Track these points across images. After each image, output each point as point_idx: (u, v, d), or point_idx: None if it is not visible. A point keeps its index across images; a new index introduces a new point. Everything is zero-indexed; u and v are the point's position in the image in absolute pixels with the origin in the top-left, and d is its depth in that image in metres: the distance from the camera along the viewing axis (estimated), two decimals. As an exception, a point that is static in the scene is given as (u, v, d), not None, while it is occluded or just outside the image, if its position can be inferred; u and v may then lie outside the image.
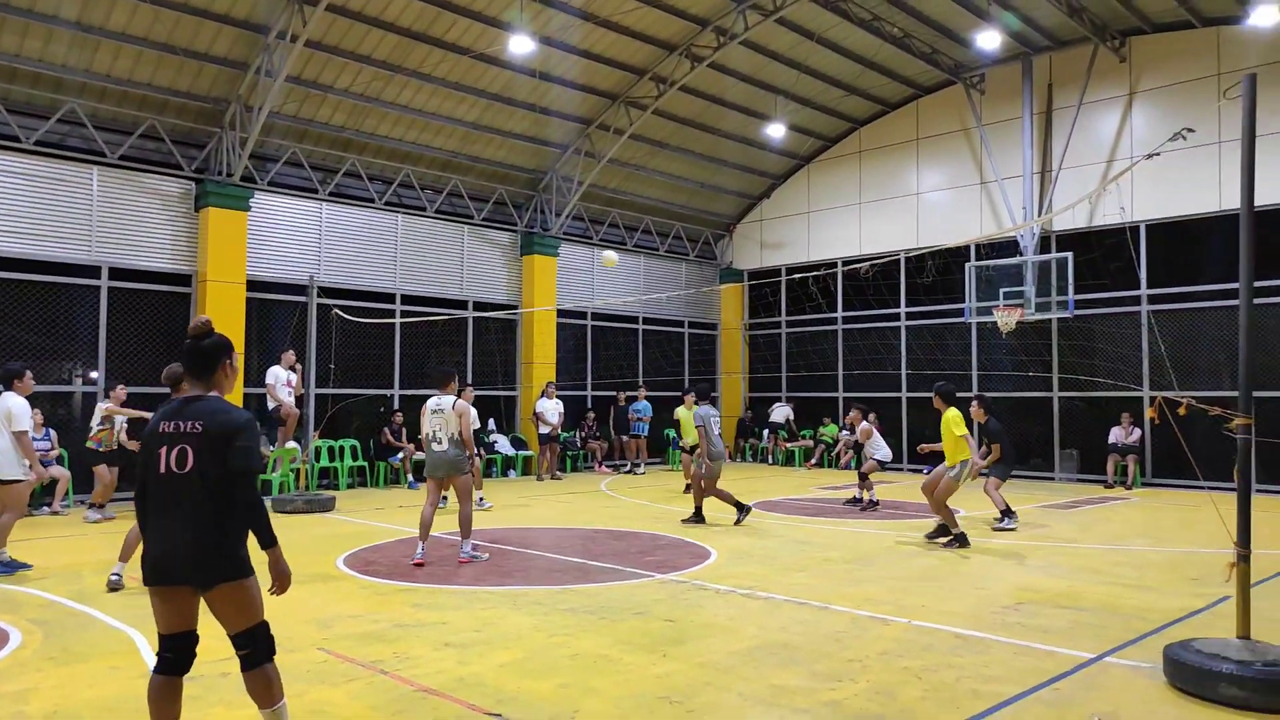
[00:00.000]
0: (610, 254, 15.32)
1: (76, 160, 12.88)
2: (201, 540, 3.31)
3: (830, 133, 20.17)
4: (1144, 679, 4.79)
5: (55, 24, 11.80)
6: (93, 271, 12.98)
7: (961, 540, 9.03)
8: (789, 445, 19.76)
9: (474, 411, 10.87)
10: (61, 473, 11.73)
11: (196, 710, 4.22)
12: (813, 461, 19.11)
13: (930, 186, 18.96)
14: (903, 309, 19.05)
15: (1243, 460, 5.06)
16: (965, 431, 9.20)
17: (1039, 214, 16.75)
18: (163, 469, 3.35)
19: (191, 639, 3.48)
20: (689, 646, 5.38)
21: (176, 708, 3.46)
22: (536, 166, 18.02)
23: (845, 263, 19.33)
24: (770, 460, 20.15)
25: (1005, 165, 17.45)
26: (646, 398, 18.42)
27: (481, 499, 11.99)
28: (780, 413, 20.30)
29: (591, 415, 18.67)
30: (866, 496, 12.44)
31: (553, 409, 16.27)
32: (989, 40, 15.31)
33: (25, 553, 8.14)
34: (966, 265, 16.85)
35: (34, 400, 11.76)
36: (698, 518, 10.91)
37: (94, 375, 12.96)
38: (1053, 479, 16.58)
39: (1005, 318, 15.77)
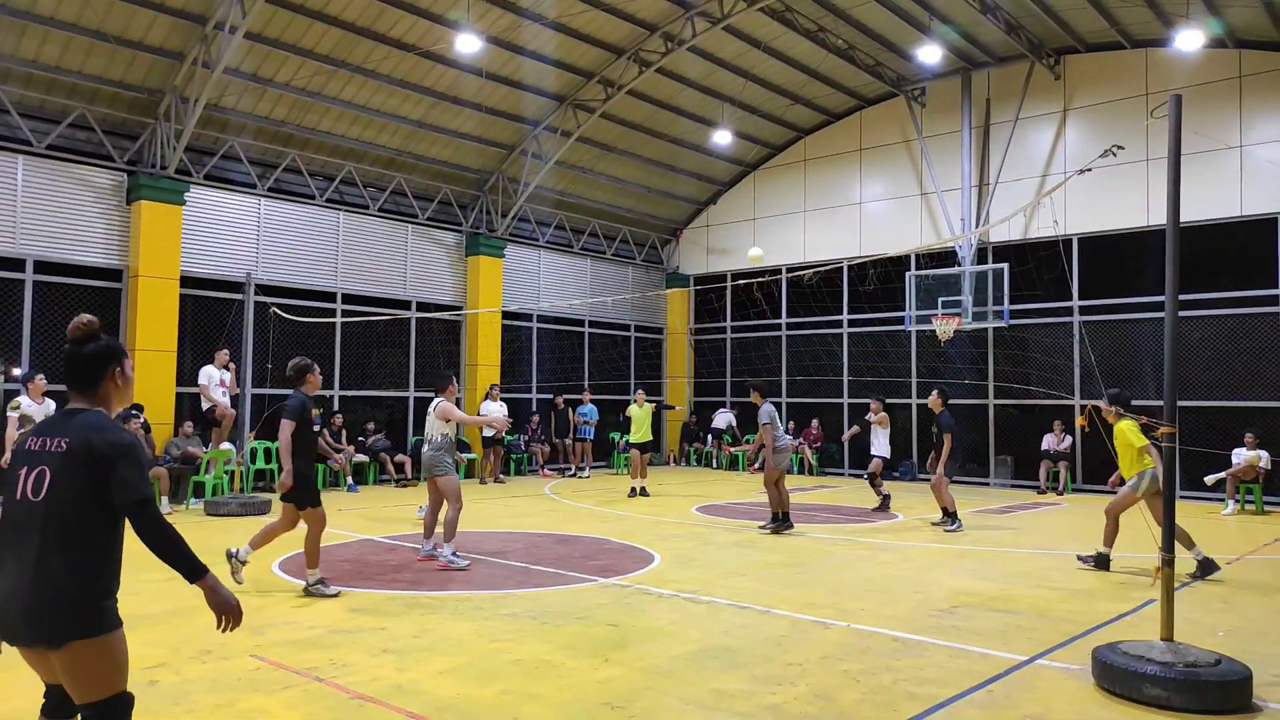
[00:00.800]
0: (756, 250, 15.76)
1: None
2: (44, 587, 2.65)
3: (776, 141, 20.39)
4: (1074, 680, 4.92)
5: (-21, 6, 11.34)
6: (17, 265, 12.49)
7: (1208, 569, 7.87)
8: (732, 449, 19.90)
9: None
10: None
11: (121, 721, 4.06)
12: (755, 466, 19.25)
13: (873, 196, 19.29)
14: (845, 316, 19.33)
15: (1167, 467, 5.24)
16: (1145, 441, 8.02)
17: (976, 225, 17.17)
18: (18, 494, 2.76)
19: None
20: (631, 651, 5.37)
21: None
22: (483, 167, 17.87)
23: (789, 269, 19.56)
24: (714, 464, 20.26)
25: (945, 177, 17.84)
26: (592, 401, 18.40)
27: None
28: (723, 419, 20.46)
29: (535, 418, 18.57)
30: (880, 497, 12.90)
31: (496, 411, 16.13)
32: (930, 54, 15.65)
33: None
34: (907, 274, 17.19)
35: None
36: (784, 522, 10.55)
37: (16, 372, 12.46)
38: (988, 484, 16.99)
39: (943, 326, 16.13)
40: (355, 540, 9.53)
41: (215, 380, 12.52)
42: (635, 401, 15.08)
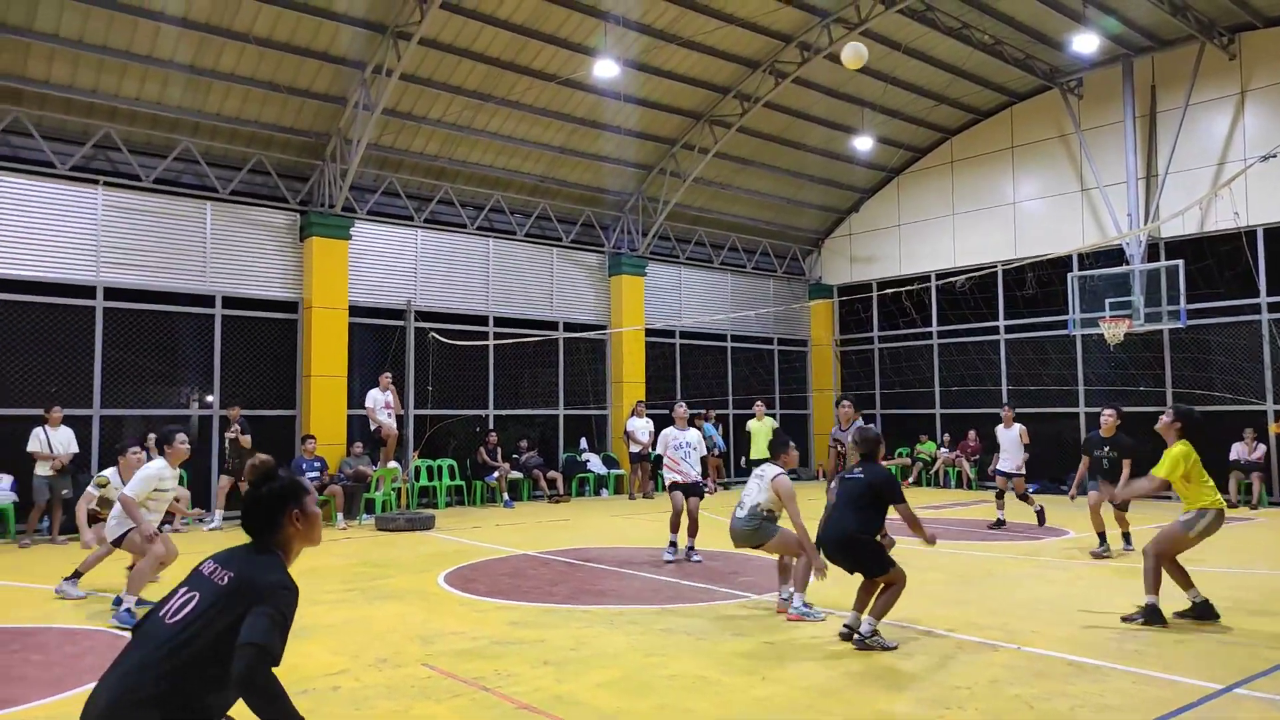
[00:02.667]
0: (853, 50, 10.89)
1: (191, 196, 13.63)
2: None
3: (920, 143, 19.80)
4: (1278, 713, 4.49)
5: (171, 68, 12.55)
6: (208, 301, 13.68)
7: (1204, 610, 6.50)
8: (886, 463, 19.33)
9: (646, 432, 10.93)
10: (181, 492, 12.33)
11: (310, 723, 4.36)
12: (910, 480, 18.67)
13: (1027, 195, 18.40)
14: (1001, 322, 18.48)
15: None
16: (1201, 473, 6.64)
17: (1145, 221, 16.06)
18: (160, 611, 2.68)
19: None
20: (789, 669, 5.30)
21: None
22: (623, 188, 18.22)
23: (939, 276, 18.90)
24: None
25: (1107, 171, 16.80)
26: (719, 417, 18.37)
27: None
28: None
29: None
30: (997, 515, 12.10)
31: (643, 428, 16.31)
32: (1086, 44, 14.82)
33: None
34: (1069, 275, 16.25)
35: (152, 424, 12.49)
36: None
37: (210, 399, 13.63)
38: (1169, 498, 15.74)
39: (1112, 329, 15.14)
40: (512, 555, 9.85)
41: (380, 403, 13.32)
42: (755, 415, 14.74)
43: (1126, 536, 9.72)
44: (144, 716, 2.48)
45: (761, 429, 14.27)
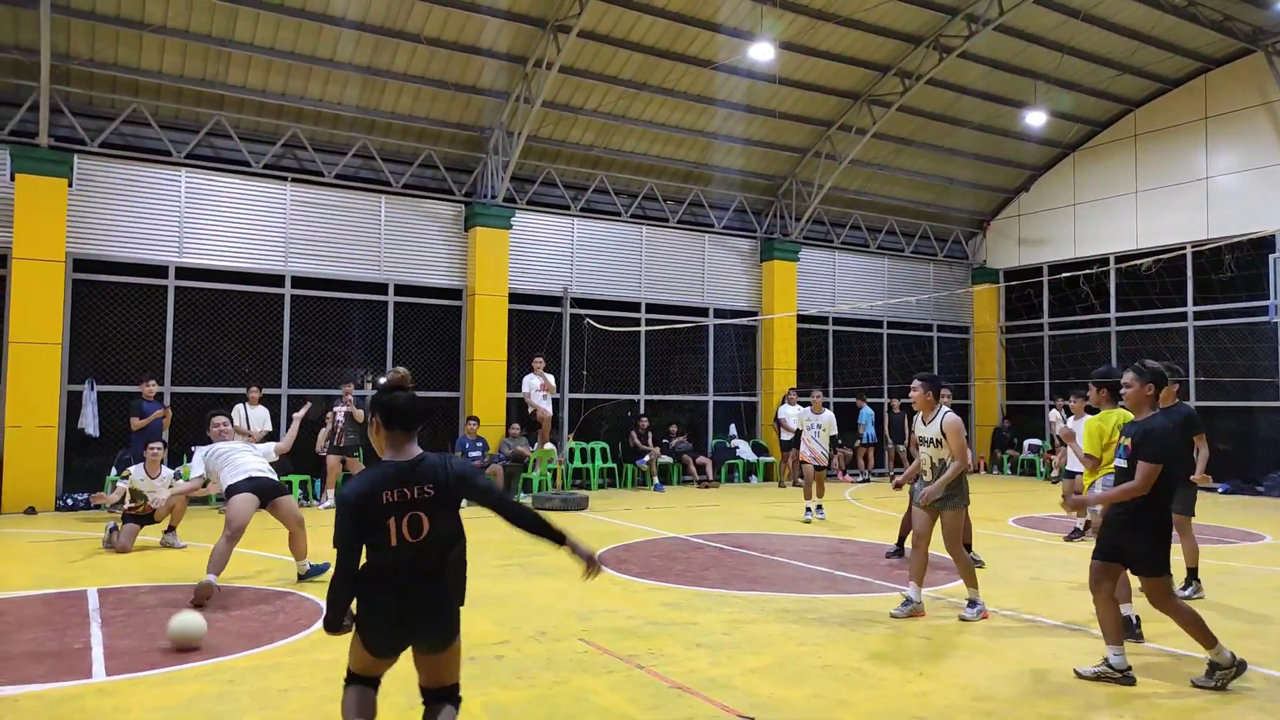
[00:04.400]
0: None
1: (367, 190, 14.52)
2: (441, 603, 3.28)
3: (1099, 117, 18.50)
4: None
5: (348, 70, 13.40)
6: (381, 289, 14.56)
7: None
8: (1055, 458, 18.28)
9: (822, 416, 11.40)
10: (361, 467, 13.20)
11: (476, 690, 4.61)
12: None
13: (1223, 169, 16.85)
14: (1190, 308, 17.06)
15: None
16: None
17: (1366, 194, 14.37)
18: (393, 540, 3.16)
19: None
20: (947, 666, 5.14)
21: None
22: (776, 172, 17.99)
23: (1119, 259, 17.63)
24: (1037, 474, 18.75)
25: (1320, 140, 15.15)
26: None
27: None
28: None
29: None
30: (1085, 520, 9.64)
31: (795, 415, 16.10)
32: (1298, -2, 13.38)
33: (323, 539, 9.24)
34: (1271, 257, 14.76)
35: (333, 403, 13.42)
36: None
37: (382, 381, 14.50)
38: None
39: (1322, 316, 13.67)
40: (663, 537, 10.00)
41: (536, 387, 13.78)
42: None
43: None
44: (459, 601, 3.35)
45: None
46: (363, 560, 3.19)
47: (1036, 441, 19.33)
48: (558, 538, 3.38)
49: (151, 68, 12.60)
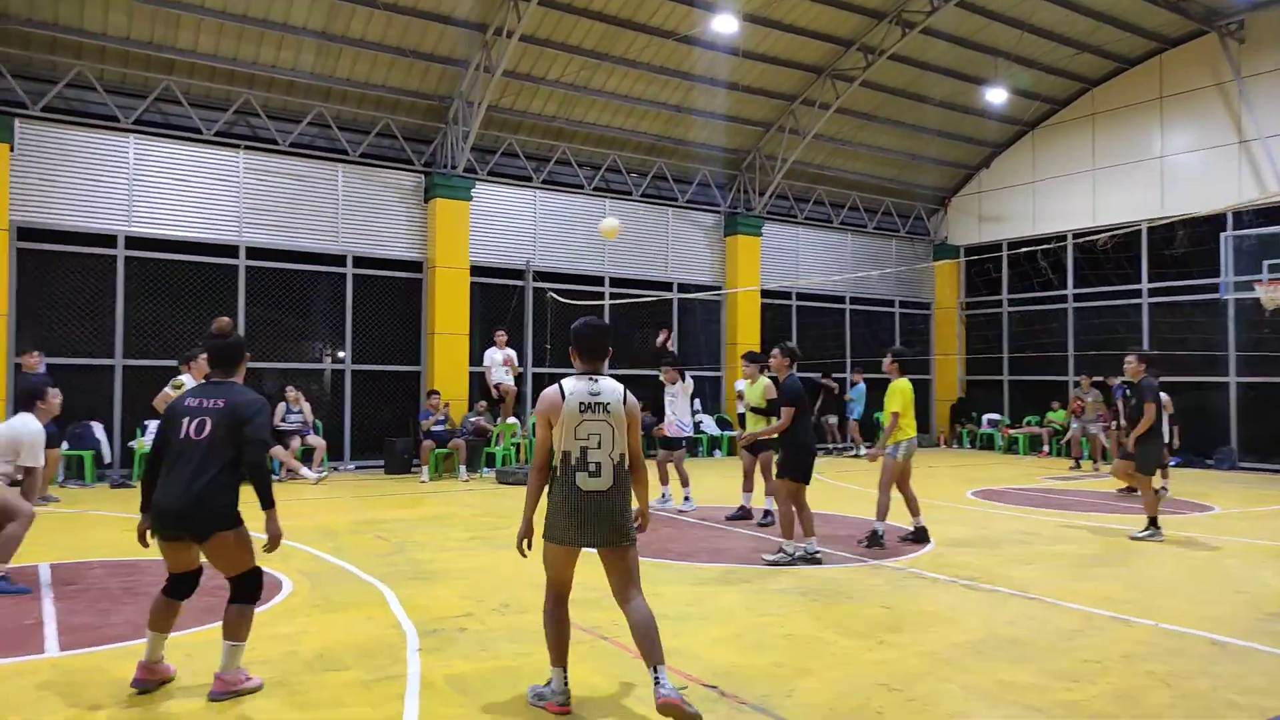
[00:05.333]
0: (610, 222, 11.99)
1: (324, 159, 14.21)
2: (202, 496, 3.99)
3: (1058, 95, 18.69)
4: None
5: (304, 35, 13.05)
6: (340, 260, 14.30)
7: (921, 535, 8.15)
8: (1011, 431, 18.62)
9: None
10: (319, 441, 13.02)
11: (439, 661, 4.57)
12: (1044, 450, 17.93)
13: (1177, 149, 17.14)
14: (1144, 285, 17.38)
15: None
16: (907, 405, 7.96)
17: (1314, 174, 14.72)
18: (182, 435, 4.05)
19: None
20: (907, 635, 5.20)
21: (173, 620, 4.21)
22: (740, 146, 17.94)
23: (1077, 235, 17.89)
24: (995, 448, 19.06)
25: (1271, 121, 15.47)
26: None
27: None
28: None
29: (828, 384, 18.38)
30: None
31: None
32: (1252, -21, 13.57)
33: (286, 514, 9.13)
34: (1222, 235, 15.11)
35: (289, 377, 13.19)
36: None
37: (341, 354, 14.31)
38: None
39: (1271, 293, 14.02)
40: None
41: (498, 362, 13.67)
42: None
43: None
44: (223, 496, 4.03)
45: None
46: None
47: (995, 416, 19.64)
48: (266, 503, 4.04)
49: (95, 29, 12.16)
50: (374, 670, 4.44)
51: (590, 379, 4.18)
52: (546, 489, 4.03)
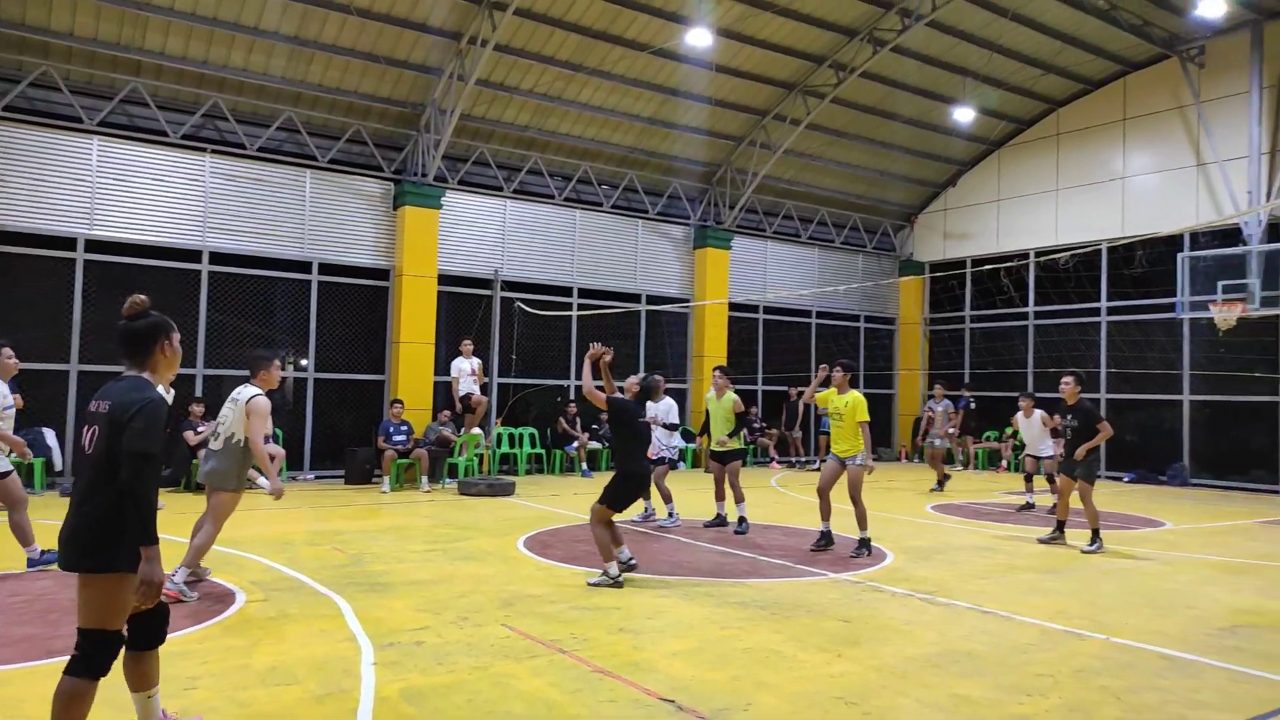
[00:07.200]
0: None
1: (292, 164, 14.08)
2: (78, 524, 3.16)
3: (1024, 115, 19.02)
4: (1394, 722, 4.23)
5: (275, 39, 12.94)
6: (304, 267, 14.16)
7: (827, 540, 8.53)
8: (973, 446, 18.84)
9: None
10: (277, 450, 12.81)
11: (394, 675, 4.52)
12: (1003, 464, 18.18)
13: (1138, 170, 17.50)
14: (1103, 303, 17.70)
15: None
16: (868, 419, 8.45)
17: (1267, 198, 15.09)
18: (82, 446, 3.29)
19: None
20: (865, 649, 5.24)
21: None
22: (711, 159, 18.05)
23: (1039, 253, 18.19)
24: (953, 461, 19.26)
25: (1227, 145, 15.83)
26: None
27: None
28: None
29: (754, 410, 18.39)
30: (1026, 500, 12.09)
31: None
32: (1211, 8, 13.91)
33: (241, 524, 9.00)
34: (1179, 256, 15.42)
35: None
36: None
37: (304, 362, 14.15)
38: (1278, 492, 14.93)
39: (1224, 313, 14.34)
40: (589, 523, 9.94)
41: (466, 371, 13.60)
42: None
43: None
44: (100, 529, 3.13)
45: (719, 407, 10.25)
46: None
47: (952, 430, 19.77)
48: (146, 537, 3.12)
49: (62, 29, 11.98)
50: (327, 684, 4.38)
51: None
52: None
